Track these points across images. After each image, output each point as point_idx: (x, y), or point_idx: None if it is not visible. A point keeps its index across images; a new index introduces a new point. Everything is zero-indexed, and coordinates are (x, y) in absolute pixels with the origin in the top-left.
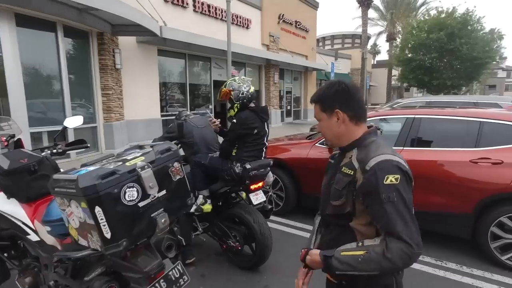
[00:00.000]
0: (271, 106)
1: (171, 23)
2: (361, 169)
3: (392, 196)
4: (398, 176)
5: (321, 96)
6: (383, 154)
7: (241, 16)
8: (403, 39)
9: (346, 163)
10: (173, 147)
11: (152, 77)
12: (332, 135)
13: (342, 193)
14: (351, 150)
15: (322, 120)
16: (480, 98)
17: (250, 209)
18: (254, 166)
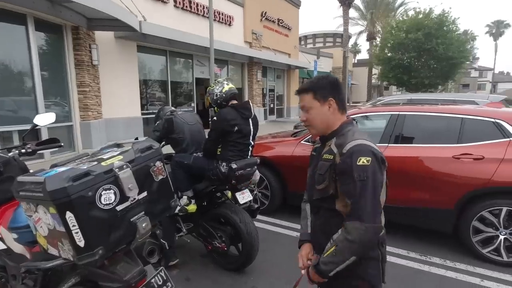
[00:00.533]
0: (254, 104)
1: (151, 18)
2: (339, 153)
3: (363, 175)
4: (370, 158)
5: (315, 85)
6: (358, 139)
7: (223, 12)
8: (383, 38)
9: (326, 150)
10: (155, 145)
11: (131, 74)
12: (322, 122)
13: (324, 177)
14: (330, 139)
15: (314, 108)
16: (458, 96)
17: (236, 208)
18: (240, 166)
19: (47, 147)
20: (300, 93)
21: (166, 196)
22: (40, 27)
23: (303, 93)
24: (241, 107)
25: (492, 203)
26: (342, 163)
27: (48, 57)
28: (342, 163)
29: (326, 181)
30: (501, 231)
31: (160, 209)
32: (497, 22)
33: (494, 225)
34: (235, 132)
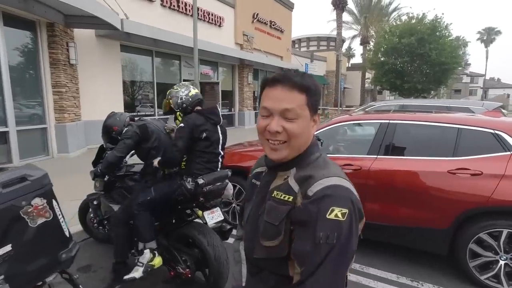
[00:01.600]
0: (244, 107)
1: (136, 17)
2: (302, 194)
3: (332, 237)
4: (347, 211)
5: (313, 86)
6: (332, 177)
7: (213, 13)
8: (376, 43)
9: (279, 185)
10: (32, 175)
11: (114, 74)
12: (304, 141)
13: (279, 229)
14: (287, 169)
15: (303, 117)
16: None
17: (204, 229)
18: (208, 180)
19: None
20: (282, 85)
21: (52, 246)
22: (9, 22)
23: (290, 87)
24: (209, 112)
25: (492, 224)
26: (304, 210)
27: (19, 55)
28: (304, 209)
29: (281, 236)
30: (501, 256)
31: (38, 267)
32: (488, 29)
33: (493, 248)
34: (203, 140)
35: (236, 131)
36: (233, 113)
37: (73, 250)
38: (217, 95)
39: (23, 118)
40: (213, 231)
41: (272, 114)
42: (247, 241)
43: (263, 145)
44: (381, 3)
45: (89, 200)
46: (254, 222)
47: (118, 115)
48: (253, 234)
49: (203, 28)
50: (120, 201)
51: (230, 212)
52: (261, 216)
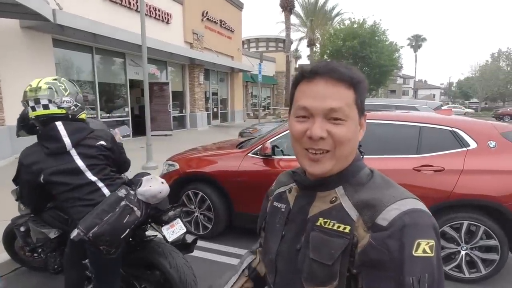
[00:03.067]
0: (196, 108)
1: (72, 9)
2: (365, 222)
3: (424, 281)
4: (433, 242)
5: (362, 79)
6: (406, 199)
7: (160, 9)
8: (322, 45)
9: (326, 211)
10: None
11: (46, 71)
12: (352, 150)
13: (333, 272)
14: (330, 189)
15: (352, 119)
16: (399, 102)
17: (164, 248)
18: None
19: None
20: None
21: None
22: None
23: (338, 83)
24: (44, 138)
25: (453, 217)
26: (378, 248)
27: None
28: (378, 247)
29: (336, 280)
30: (462, 246)
31: None
32: (416, 36)
33: (455, 240)
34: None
35: (189, 133)
36: (184, 114)
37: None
38: (167, 96)
39: None
40: (175, 248)
41: (312, 115)
42: (281, 287)
43: (299, 155)
44: (325, 7)
45: (15, 226)
46: (291, 260)
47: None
48: (290, 276)
49: (150, 24)
50: (56, 224)
51: (193, 222)
52: (302, 252)
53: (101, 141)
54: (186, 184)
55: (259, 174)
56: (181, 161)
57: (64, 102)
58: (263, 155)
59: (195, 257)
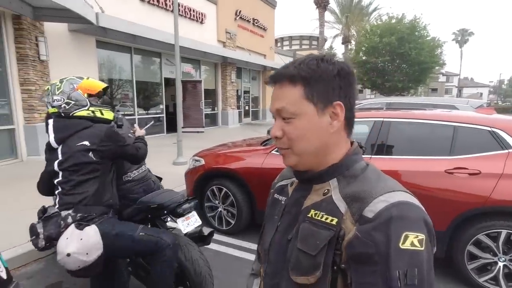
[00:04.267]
0: (228, 106)
1: (113, 12)
2: (353, 215)
3: (412, 275)
4: (423, 236)
5: (313, 72)
6: (395, 191)
7: (195, 9)
8: (358, 42)
9: (318, 203)
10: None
11: (90, 71)
12: (313, 144)
13: (317, 262)
14: (324, 181)
15: (302, 115)
16: (437, 100)
17: (181, 241)
18: None
19: None
20: (276, 82)
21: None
22: None
23: (285, 84)
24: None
25: (490, 225)
26: (363, 241)
27: None
28: (364, 240)
29: (318, 271)
30: (499, 257)
31: None
32: (462, 30)
33: (491, 250)
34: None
35: (220, 130)
36: (216, 112)
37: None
38: (200, 94)
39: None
40: (191, 241)
41: (275, 116)
42: (270, 276)
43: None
44: (361, 3)
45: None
46: (281, 250)
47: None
48: (280, 266)
49: (184, 24)
50: None
51: (217, 217)
52: (292, 242)
53: (84, 141)
54: (211, 180)
55: None
56: (207, 157)
57: (55, 101)
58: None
59: (217, 252)
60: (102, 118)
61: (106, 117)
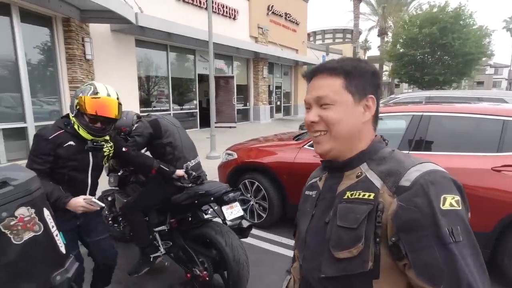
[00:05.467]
0: (259, 102)
1: (150, 11)
2: (390, 188)
3: (457, 231)
4: (458, 197)
5: (354, 68)
6: (425, 163)
7: (227, 6)
8: (395, 34)
9: (352, 185)
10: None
11: (129, 69)
12: (347, 132)
13: (358, 235)
14: (354, 167)
15: (341, 102)
16: (484, 94)
17: (222, 228)
18: None
19: None
20: (317, 74)
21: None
22: (26, 18)
23: (325, 75)
24: None
25: None
26: (408, 208)
27: (36, 50)
28: (408, 207)
29: (360, 241)
30: None
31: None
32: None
33: None
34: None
35: (252, 125)
36: (248, 107)
37: (70, 270)
38: (232, 90)
39: (41, 114)
40: (232, 230)
41: (310, 105)
42: (309, 260)
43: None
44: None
45: (104, 196)
46: (319, 233)
47: (125, 114)
48: (319, 248)
49: (218, 21)
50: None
51: (249, 211)
52: (330, 223)
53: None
54: (243, 173)
55: (314, 167)
56: (239, 151)
57: None
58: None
59: (248, 244)
60: (78, 133)
61: (81, 134)
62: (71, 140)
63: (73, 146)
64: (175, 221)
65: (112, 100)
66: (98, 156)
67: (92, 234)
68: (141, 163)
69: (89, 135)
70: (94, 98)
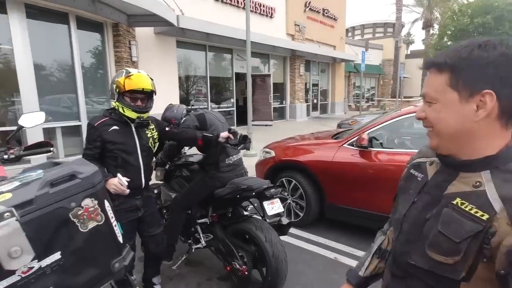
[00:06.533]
0: (296, 100)
1: (191, 12)
2: (510, 217)
3: None
4: None
5: (463, 60)
6: None
7: (264, 4)
8: (442, 25)
9: (466, 193)
10: (81, 172)
11: (171, 69)
12: (453, 132)
13: (459, 248)
14: (475, 171)
15: (443, 103)
16: None
17: (262, 224)
18: None
19: (35, 152)
20: (428, 68)
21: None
22: (81, 25)
23: (433, 71)
24: None
25: None
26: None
27: (89, 54)
28: None
29: (458, 255)
30: None
31: (88, 279)
32: None
33: None
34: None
35: (288, 124)
36: (284, 105)
37: (127, 258)
38: (269, 88)
39: (93, 113)
40: (271, 227)
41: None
42: (401, 243)
43: None
44: None
45: (151, 189)
46: (417, 225)
47: (176, 107)
48: (413, 238)
49: (255, 20)
50: (179, 190)
51: (286, 209)
52: (431, 222)
53: None
54: (281, 172)
55: (354, 166)
56: (277, 149)
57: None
58: (359, 146)
59: (284, 242)
60: (123, 115)
61: (126, 115)
62: (116, 125)
63: (118, 130)
64: (216, 215)
65: (143, 75)
66: (143, 137)
67: (150, 228)
68: (185, 137)
69: (134, 112)
70: (127, 77)
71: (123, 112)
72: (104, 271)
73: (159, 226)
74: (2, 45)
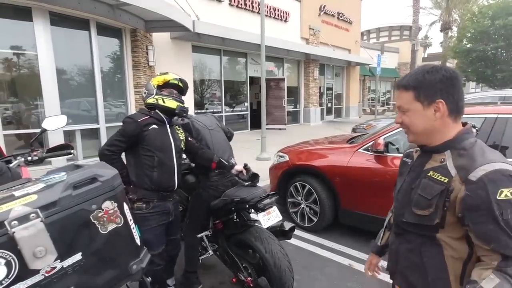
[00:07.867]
0: (310, 104)
1: (206, 17)
2: (461, 178)
3: (506, 212)
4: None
5: (420, 82)
6: (493, 162)
7: (279, 8)
8: (461, 27)
9: (435, 167)
10: (102, 175)
11: (186, 74)
12: (422, 129)
13: (431, 203)
14: (441, 152)
15: (412, 111)
16: None
17: (261, 234)
18: None
19: (57, 154)
20: (398, 89)
21: (122, 255)
22: (101, 31)
23: (402, 90)
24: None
25: None
26: (472, 197)
27: (108, 59)
28: (472, 196)
29: (431, 208)
30: None
31: (108, 280)
32: None
33: None
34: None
35: (302, 128)
36: (298, 109)
37: (144, 260)
38: (283, 92)
39: (110, 116)
40: (272, 235)
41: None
42: (398, 208)
43: None
44: None
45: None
46: (407, 193)
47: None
48: (405, 202)
49: (269, 24)
50: (181, 200)
51: (299, 214)
52: (414, 190)
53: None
54: (295, 176)
55: (369, 171)
56: (291, 153)
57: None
58: (375, 151)
59: (299, 247)
60: (164, 106)
61: (167, 105)
62: (155, 124)
63: (156, 129)
64: (220, 222)
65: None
66: (176, 138)
67: (173, 232)
68: (201, 155)
69: (175, 101)
70: (162, 74)
71: (164, 104)
72: (122, 273)
73: (178, 231)
74: (27, 51)
